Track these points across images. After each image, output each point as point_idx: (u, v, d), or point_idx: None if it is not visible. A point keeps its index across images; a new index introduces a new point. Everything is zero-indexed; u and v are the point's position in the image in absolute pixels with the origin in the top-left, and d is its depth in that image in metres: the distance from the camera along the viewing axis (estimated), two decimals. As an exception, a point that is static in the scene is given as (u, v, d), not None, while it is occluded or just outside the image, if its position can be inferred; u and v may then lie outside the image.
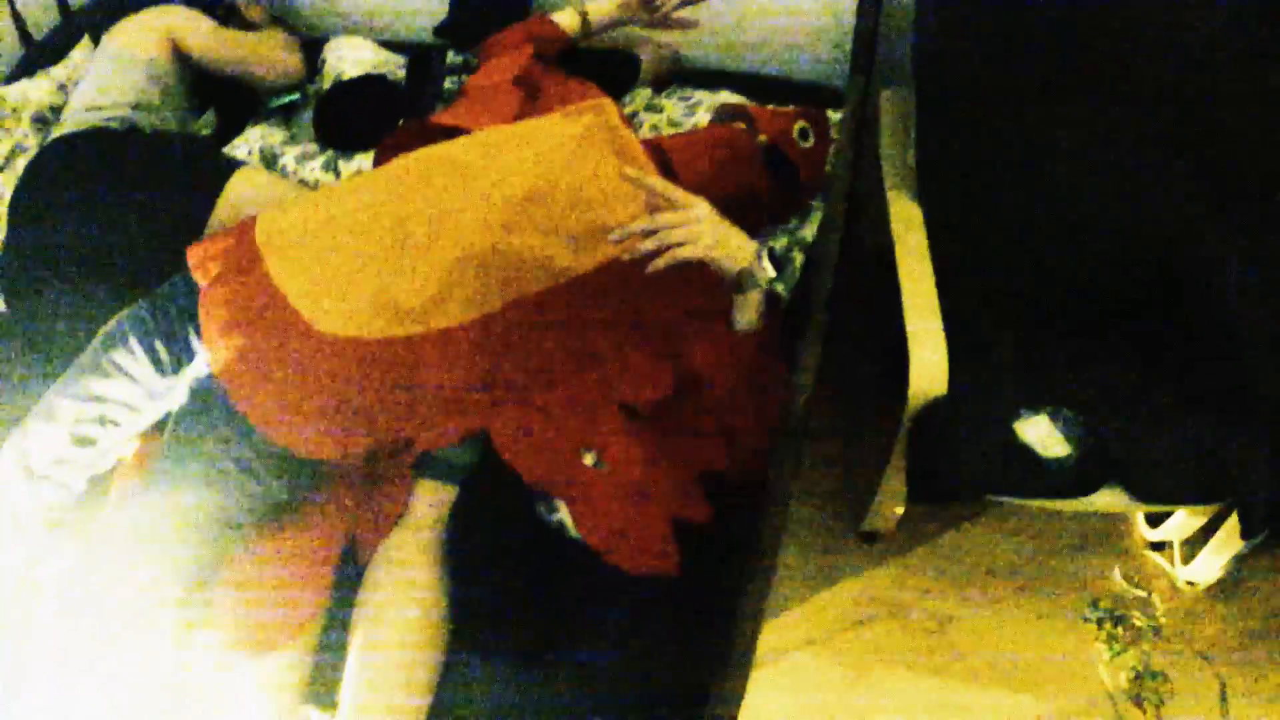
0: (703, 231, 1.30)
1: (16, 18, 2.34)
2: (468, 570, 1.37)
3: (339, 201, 1.44)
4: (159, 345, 1.42)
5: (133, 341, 1.43)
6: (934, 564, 1.99)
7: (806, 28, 2.13)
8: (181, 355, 1.42)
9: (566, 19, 1.90)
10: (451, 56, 1.97)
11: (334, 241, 1.38)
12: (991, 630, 1.91)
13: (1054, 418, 1.61)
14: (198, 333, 1.38)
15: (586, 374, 1.47)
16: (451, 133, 1.66)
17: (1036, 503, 1.71)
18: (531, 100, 1.78)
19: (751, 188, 1.71)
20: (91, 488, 1.54)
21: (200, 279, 1.39)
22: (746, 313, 1.41)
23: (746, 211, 1.56)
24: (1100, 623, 1.88)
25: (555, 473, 1.40)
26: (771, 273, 1.37)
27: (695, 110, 1.97)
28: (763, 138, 1.75)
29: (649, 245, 1.29)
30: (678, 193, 1.35)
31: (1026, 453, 1.59)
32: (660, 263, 1.30)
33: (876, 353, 1.95)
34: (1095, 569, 1.98)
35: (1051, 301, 1.83)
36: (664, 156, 1.65)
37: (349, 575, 1.40)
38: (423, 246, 1.35)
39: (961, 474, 1.62)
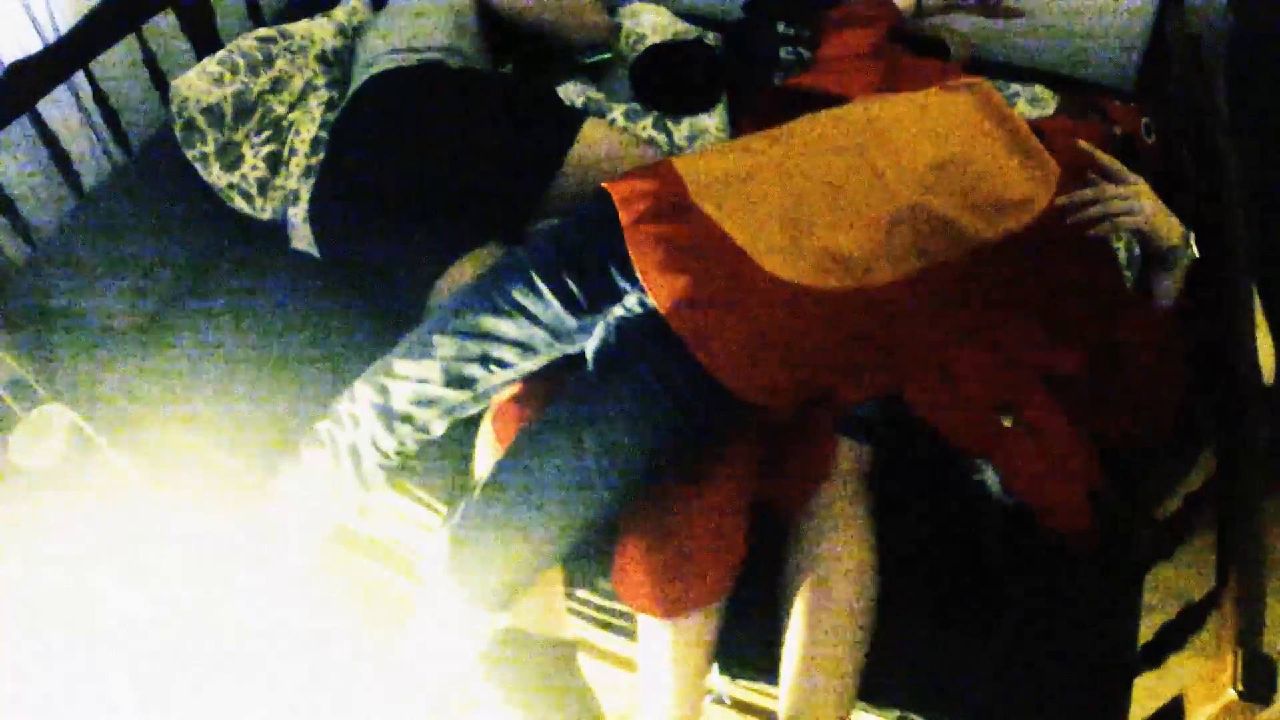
0: (1144, 204, 1.37)
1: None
2: (887, 526, 1.38)
3: (761, 153, 1.42)
4: (571, 283, 1.36)
5: (536, 279, 1.37)
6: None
7: (1099, 27, 2.16)
8: (603, 292, 1.36)
9: None
10: (782, 27, 1.97)
11: (767, 191, 1.35)
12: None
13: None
14: (620, 270, 1.33)
15: (996, 338, 1.47)
16: (820, 97, 1.66)
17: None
18: (889, 73, 1.78)
19: None
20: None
21: (625, 216, 1.35)
22: (1170, 288, 1.44)
23: None
24: None
25: (975, 432, 1.40)
26: (1197, 252, 1.40)
27: (1015, 101, 1.99)
28: (1118, 130, 1.77)
29: (1095, 211, 1.36)
30: (1123, 169, 1.42)
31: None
32: (1105, 227, 1.37)
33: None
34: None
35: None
36: (1044, 137, 1.66)
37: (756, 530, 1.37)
38: (860, 203, 1.34)
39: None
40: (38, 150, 1.89)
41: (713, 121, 1.92)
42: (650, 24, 2.09)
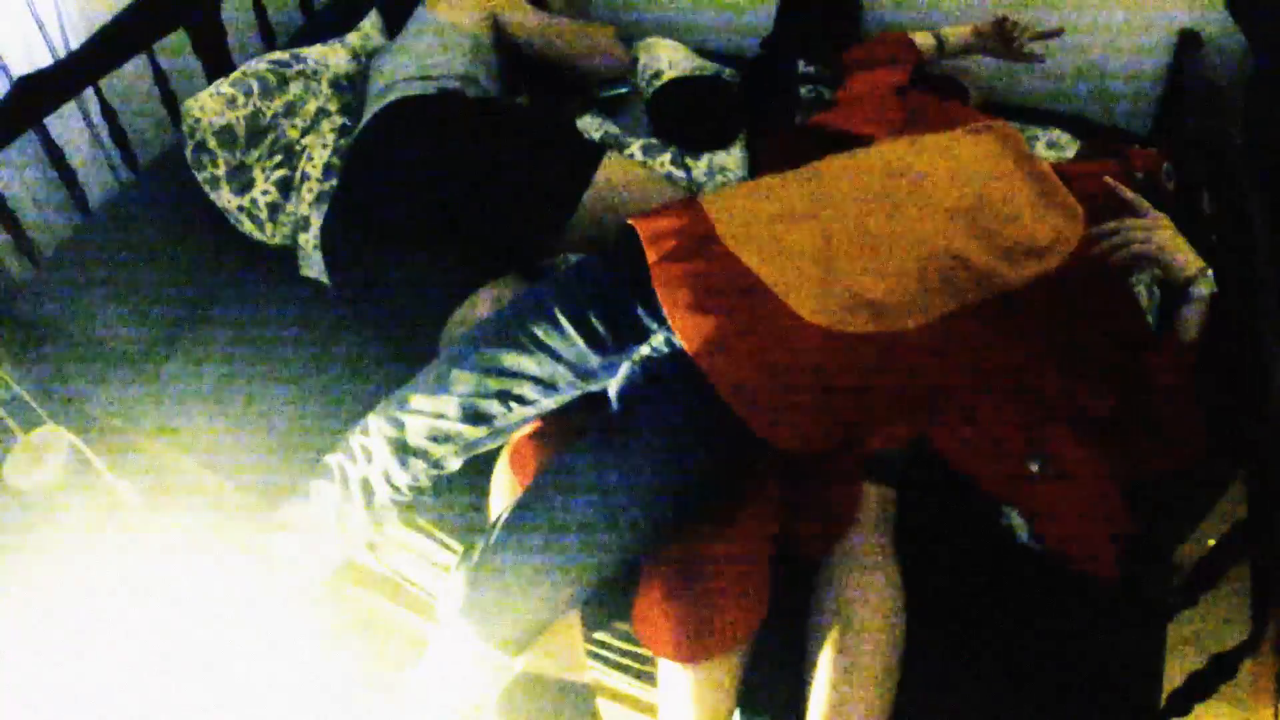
0: (1161, 236, 1.38)
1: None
2: (911, 569, 1.35)
3: (789, 194, 1.41)
4: (596, 320, 1.34)
5: (559, 316, 1.35)
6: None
7: (1116, 69, 2.18)
8: (628, 331, 1.34)
9: (924, 40, 1.92)
10: (802, 65, 1.96)
11: (796, 233, 1.34)
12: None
13: None
14: (646, 308, 1.31)
15: (1024, 384, 1.46)
16: (844, 137, 1.65)
17: None
18: (912, 115, 1.78)
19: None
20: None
21: (651, 254, 1.33)
22: (1191, 323, 1.42)
23: None
24: None
25: (1004, 479, 1.38)
26: (1213, 287, 1.40)
27: (1034, 144, 1.99)
28: (1139, 175, 1.78)
29: (1115, 240, 1.38)
30: (1145, 203, 1.44)
31: None
32: (1124, 256, 1.38)
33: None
34: None
35: None
36: (1068, 181, 1.66)
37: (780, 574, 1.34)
38: (889, 248, 1.33)
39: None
40: (44, 166, 1.85)
41: (732, 158, 1.91)
42: (667, 59, 2.09)
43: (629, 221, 1.38)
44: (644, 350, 1.33)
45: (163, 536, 1.75)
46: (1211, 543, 1.49)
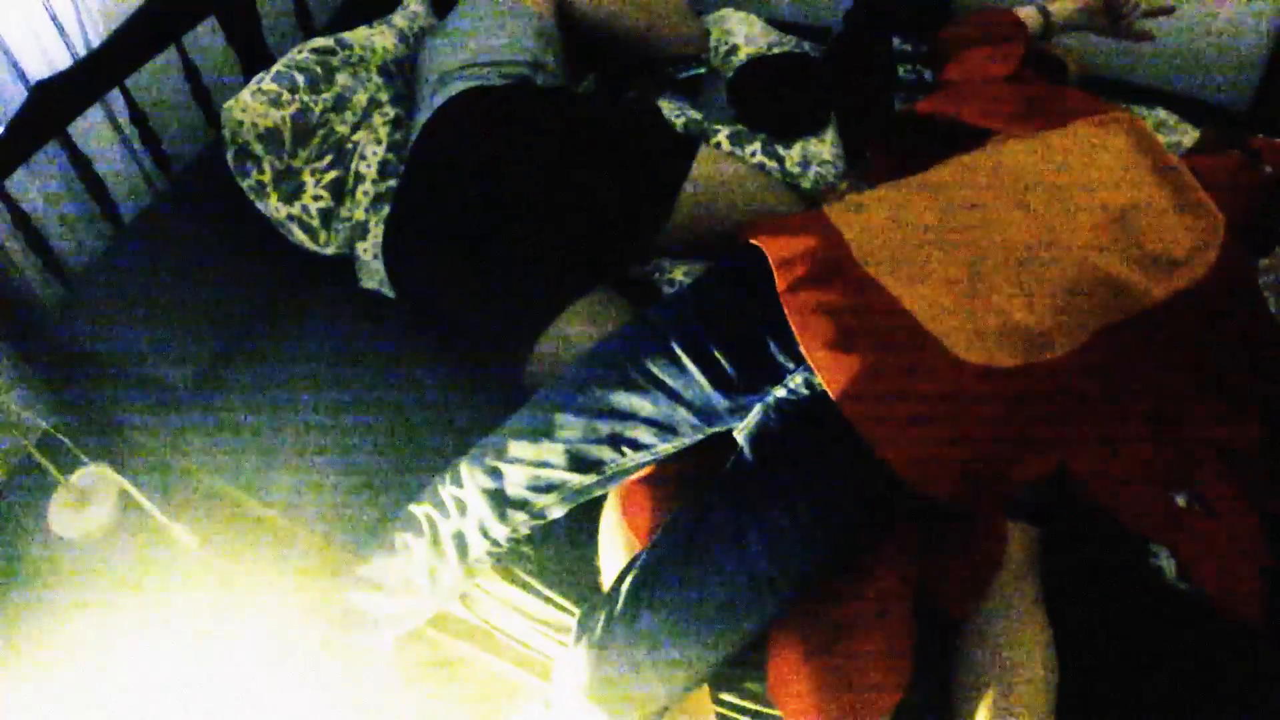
0: None
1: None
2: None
3: (925, 205, 1.28)
4: (720, 357, 1.20)
5: (678, 351, 1.22)
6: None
7: (1215, 44, 2.01)
8: (760, 370, 1.21)
9: (1029, 16, 1.75)
10: (898, 43, 1.78)
11: (937, 254, 1.21)
12: None
13: None
14: (780, 345, 1.18)
15: (1166, 411, 1.33)
16: (960, 127, 1.49)
17: None
18: (1029, 101, 1.62)
19: (1257, 220, 1.59)
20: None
21: (781, 280, 1.18)
22: None
23: None
24: None
25: (1149, 515, 1.26)
26: None
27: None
28: (1268, 168, 1.63)
29: None
30: None
31: None
32: None
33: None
34: None
35: None
36: (1200, 177, 1.51)
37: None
38: (1036, 269, 1.20)
39: None
40: (70, 177, 1.68)
41: (826, 147, 1.74)
42: (742, 33, 1.91)
43: (753, 241, 1.23)
44: (779, 392, 1.20)
45: (225, 588, 1.61)
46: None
